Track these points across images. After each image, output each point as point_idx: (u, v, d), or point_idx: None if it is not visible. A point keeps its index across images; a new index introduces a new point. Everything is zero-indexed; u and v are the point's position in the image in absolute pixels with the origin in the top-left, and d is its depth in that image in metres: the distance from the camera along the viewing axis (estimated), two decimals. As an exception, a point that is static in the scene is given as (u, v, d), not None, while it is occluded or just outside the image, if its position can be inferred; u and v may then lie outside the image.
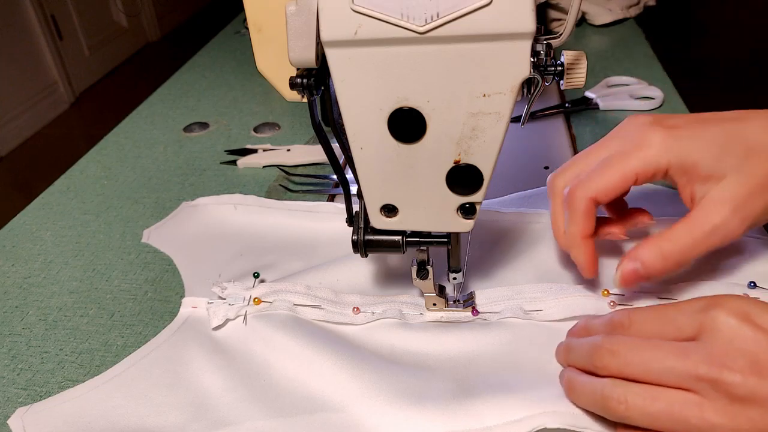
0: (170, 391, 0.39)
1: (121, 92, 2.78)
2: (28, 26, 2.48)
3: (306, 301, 0.43)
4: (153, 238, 0.55)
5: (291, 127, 0.72)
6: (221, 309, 0.43)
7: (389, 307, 0.43)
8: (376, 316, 0.43)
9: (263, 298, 0.44)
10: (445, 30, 0.29)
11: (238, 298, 0.44)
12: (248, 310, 0.43)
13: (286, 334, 0.41)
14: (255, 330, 0.42)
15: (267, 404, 0.38)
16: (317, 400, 0.38)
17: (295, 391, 0.38)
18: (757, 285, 0.41)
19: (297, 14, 0.30)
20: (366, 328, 0.42)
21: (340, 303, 0.43)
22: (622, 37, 0.89)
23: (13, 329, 0.47)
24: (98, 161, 0.69)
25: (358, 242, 0.39)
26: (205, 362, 0.41)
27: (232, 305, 0.43)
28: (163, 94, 0.84)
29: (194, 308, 0.45)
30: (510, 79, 0.30)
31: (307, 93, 0.33)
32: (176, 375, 0.40)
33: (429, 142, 0.33)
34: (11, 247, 0.56)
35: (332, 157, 0.38)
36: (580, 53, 0.35)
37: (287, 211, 0.55)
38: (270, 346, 0.41)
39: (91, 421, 0.38)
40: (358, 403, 0.37)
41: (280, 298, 0.43)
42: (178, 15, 3.57)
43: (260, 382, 0.39)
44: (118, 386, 0.40)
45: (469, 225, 0.36)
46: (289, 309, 0.43)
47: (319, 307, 0.43)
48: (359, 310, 0.43)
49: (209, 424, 0.37)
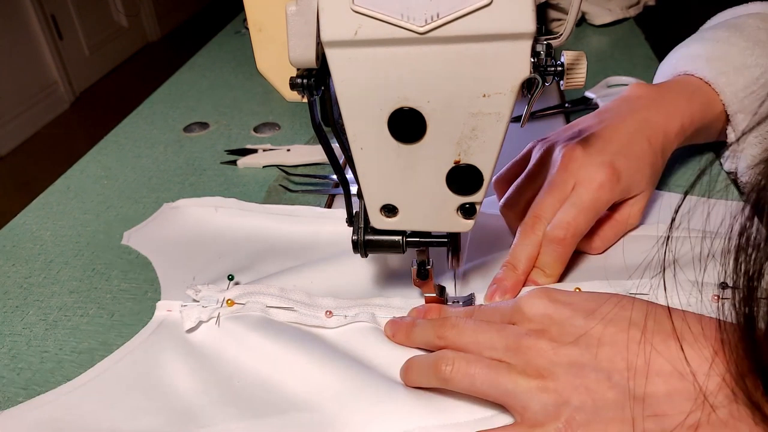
0: (144, 395, 0.39)
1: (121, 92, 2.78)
2: (28, 26, 2.48)
3: (279, 303, 0.43)
4: (133, 240, 0.54)
5: (291, 127, 0.72)
6: (194, 311, 0.43)
7: (362, 311, 0.43)
8: (348, 319, 0.43)
9: (236, 299, 0.44)
10: (445, 30, 0.29)
11: (211, 300, 0.44)
12: (221, 312, 0.43)
13: (258, 335, 0.41)
14: (228, 332, 0.42)
15: (240, 405, 0.38)
16: (290, 399, 0.38)
17: (268, 392, 0.38)
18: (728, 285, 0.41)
19: (297, 14, 0.30)
20: (338, 330, 0.42)
21: (313, 306, 0.43)
22: (622, 37, 0.89)
23: (13, 329, 0.47)
24: (98, 161, 0.69)
25: (358, 242, 0.39)
26: (179, 365, 0.41)
27: (206, 307, 0.43)
28: (163, 94, 0.84)
29: (169, 311, 0.45)
30: (510, 79, 0.30)
31: (307, 93, 0.33)
32: (150, 378, 0.40)
33: (429, 142, 0.33)
34: (11, 247, 0.56)
35: (332, 157, 0.38)
36: (580, 53, 0.35)
37: (267, 215, 0.55)
38: (243, 347, 0.41)
39: (63, 426, 0.38)
40: (331, 401, 0.37)
41: (253, 300, 0.43)
42: (178, 15, 3.57)
43: (234, 383, 0.39)
44: (91, 391, 0.40)
45: (469, 225, 0.36)
46: (261, 311, 0.43)
47: (292, 309, 0.43)
48: (332, 314, 0.43)
49: (183, 427, 0.37)
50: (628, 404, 0.31)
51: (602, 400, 0.31)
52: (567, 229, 0.42)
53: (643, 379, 0.31)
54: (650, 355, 0.31)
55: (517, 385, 0.33)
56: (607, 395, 0.31)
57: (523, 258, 0.43)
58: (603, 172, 0.43)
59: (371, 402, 0.36)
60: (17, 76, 2.41)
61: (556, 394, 0.32)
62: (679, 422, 0.29)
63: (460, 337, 0.37)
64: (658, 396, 0.30)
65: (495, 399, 0.34)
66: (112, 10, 3.03)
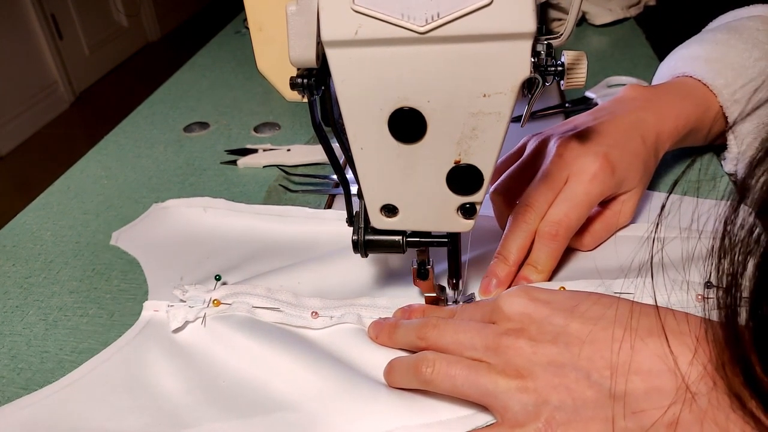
0: (130, 395, 0.39)
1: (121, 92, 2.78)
2: (28, 26, 2.48)
3: (265, 304, 0.43)
4: (121, 241, 0.54)
5: (291, 127, 0.72)
6: (181, 311, 0.43)
7: (348, 311, 0.43)
8: (334, 320, 0.43)
9: (223, 300, 0.44)
10: (445, 30, 0.29)
11: (198, 301, 0.44)
12: (207, 312, 0.43)
13: (244, 336, 0.41)
14: (214, 332, 0.42)
15: (226, 405, 0.38)
16: (275, 399, 0.38)
17: (253, 392, 0.39)
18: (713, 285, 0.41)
19: (298, 14, 0.30)
20: (324, 332, 0.42)
21: (300, 306, 0.44)
22: (623, 37, 0.89)
23: (13, 329, 0.47)
24: (98, 161, 0.69)
25: (358, 242, 0.39)
26: (165, 365, 0.41)
27: (192, 307, 0.43)
28: (163, 94, 0.84)
29: (156, 311, 0.45)
30: (510, 79, 0.30)
31: (307, 93, 0.33)
32: (136, 378, 0.40)
33: (429, 142, 0.33)
34: (11, 247, 0.56)
35: (332, 157, 0.38)
36: (581, 53, 0.35)
37: (256, 215, 0.55)
38: (229, 347, 0.41)
39: (49, 426, 0.38)
40: (314, 401, 0.37)
41: (240, 300, 0.44)
42: (178, 15, 3.57)
43: (219, 383, 0.39)
44: (77, 391, 0.40)
45: (469, 225, 0.36)
46: (247, 311, 0.43)
47: (278, 309, 0.43)
48: (318, 314, 0.43)
49: (168, 427, 0.37)
50: (608, 403, 0.31)
51: (582, 399, 0.31)
52: (559, 225, 0.42)
53: (623, 377, 0.31)
54: (631, 352, 0.31)
55: (497, 386, 0.33)
56: (587, 394, 0.31)
57: (514, 249, 0.43)
58: (597, 162, 0.43)
59: (354, 402, 0.37)
60: (17, 76, 2.41)
61: (535, 393, 0.32)
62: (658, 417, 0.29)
63: (440, 337, 0.37)
64: (637, 394, 0.30)
65: (476, 399, 0.34)
66: (112, 10, 3.03)
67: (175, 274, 0.49)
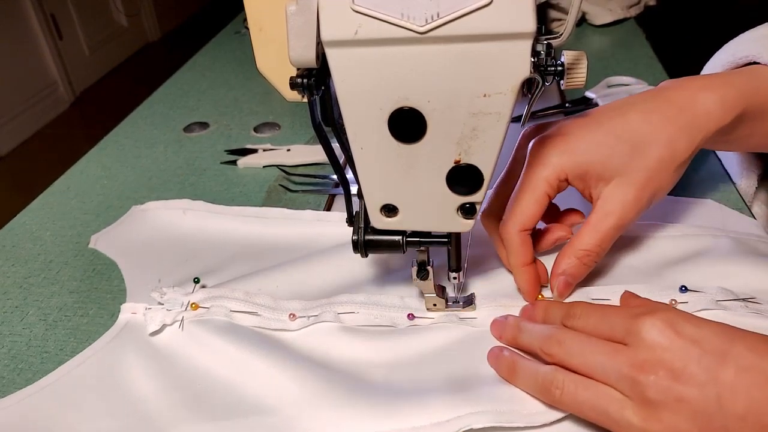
0: (105, 399, 0.39)
1: (121, 92, 2.77)
2: (28, 26, 2.48)
3: (244, 308, 0.43)
4: (100, 243, 0.54)
5: (291, 127, 0.72)
6: (158, 314, 0.43)
7: (325, 310, 0.43)
8: (312, 320, 0.43)
9: (201, 303, 0.44)
10: (445, 30, 0.29)
11: (176, 304, 0.43)
12: (185, 316, 0.43)
13: (222, 340, 0.41)
14: (192, 335, 0.42)
15: (202, 409, 0.38)
16: (251, 403, 0.38)
17: (230, 395, 0.39)
18: (688, 289, 0.41)
19: (297, 14, 0.30)
20: (302, 333, 0.42)
21: (278, 309, 0.43)
22: (623, 37, 0.89)
23: (13, 329, 0.47)
24: (98, 161, 0.69)
25: (358, 242, 0.39)
26: (142, 368, 0.41)
27: (170, 311, 0.43)
28: (163, 94, 0.84)
29: (133, 314, 0.45)
30: (510, 79, 0.30)
31: (307, 93, 0.33)
32: (112, 382, 0.40)
33: (429, 142, 0.33)
34: (11, 247, 0.56)
35: (332, 157, 0.38)
36: (581, 53, 0.35)
37: (235, 217, 0.55)
38: (206, 351, 0.41)
39: (25, 428, 0.38)
40: (291, 405, 0.37)
41: (218, 304, 0.43)
42: (178, 15, 3.57)
43: (195, 386, 0.39)
44: (51, 395, 0.40)
45: (469, 225, 0.36)
46: (225, 315, 0.43)
47: (255, 313, 0.43)
48: (296, 316, 0.43)
49: (144, 430, 0.37)
50: None
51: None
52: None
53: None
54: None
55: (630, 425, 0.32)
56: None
57: None
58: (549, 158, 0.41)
59: (330, 407, 0.37)
60: (17, 76, 2.40)
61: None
62: None
63: (567, 357, 0.35)
64: None
65: (602, 425, 0.33)
66: (112, 9, 3.03)
67: (154, 277, 0.48)
